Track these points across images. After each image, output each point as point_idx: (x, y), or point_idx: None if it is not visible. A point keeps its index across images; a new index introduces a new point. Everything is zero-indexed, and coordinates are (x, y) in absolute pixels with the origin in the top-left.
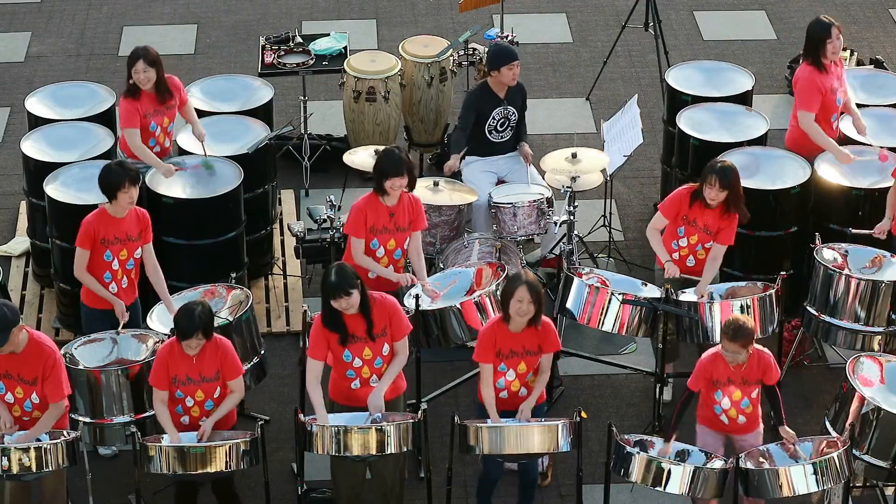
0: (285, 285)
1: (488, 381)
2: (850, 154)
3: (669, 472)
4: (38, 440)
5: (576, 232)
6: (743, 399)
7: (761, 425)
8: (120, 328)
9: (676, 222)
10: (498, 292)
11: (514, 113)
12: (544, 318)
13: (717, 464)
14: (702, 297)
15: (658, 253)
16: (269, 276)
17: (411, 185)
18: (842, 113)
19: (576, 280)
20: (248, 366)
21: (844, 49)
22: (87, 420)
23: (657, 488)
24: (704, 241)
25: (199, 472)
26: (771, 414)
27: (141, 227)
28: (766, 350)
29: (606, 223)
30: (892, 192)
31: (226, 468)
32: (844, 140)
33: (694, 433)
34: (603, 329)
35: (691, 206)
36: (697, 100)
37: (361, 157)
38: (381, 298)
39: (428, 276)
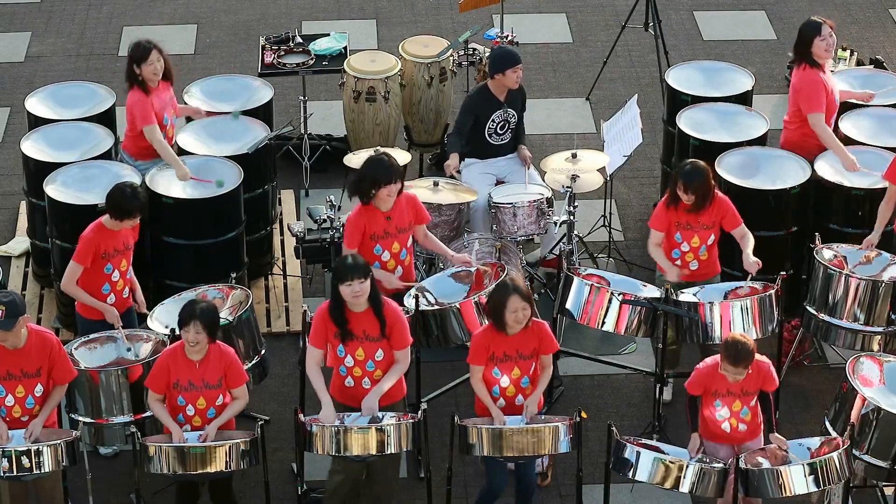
0: (285, 285)
1: (478, 378)
2: (857, 161)
3: (671, 471)
4: (37, 440)
5: (576, 232)
6: (742, 409)
7: (762, 434)
8: (119, 330)
9: (671, 231)
10: None
11: (513, 115)
12: (539, 320)
13: (718, 464)
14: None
15: (661, 264)
16: (269, 276)
17: (400, 188)
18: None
19: (576, 280)
20: (249, 365)
21: (844, 49)
22: (87, 420)
23: (659, 487)
24: (706, 239)
25: (199, 472)
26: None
27: (135, 234)
28: (764, 359)
29: (606, 223)
30: (883, 203)
31: (226, 468)
32: (845, 140)
33: (687, 436)
34: (603, 329)
35: (676, 210)
36: (697, 100)
37: (362, 159)
38: (388, 303)
39: (428, 276)
